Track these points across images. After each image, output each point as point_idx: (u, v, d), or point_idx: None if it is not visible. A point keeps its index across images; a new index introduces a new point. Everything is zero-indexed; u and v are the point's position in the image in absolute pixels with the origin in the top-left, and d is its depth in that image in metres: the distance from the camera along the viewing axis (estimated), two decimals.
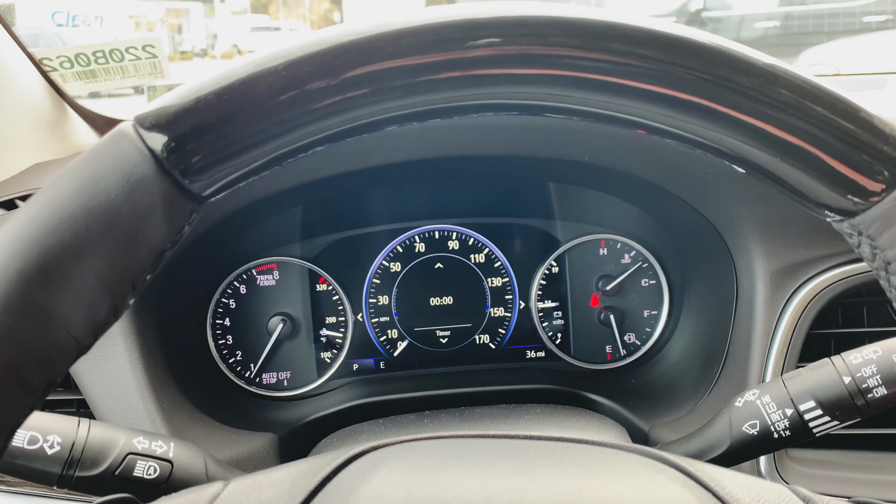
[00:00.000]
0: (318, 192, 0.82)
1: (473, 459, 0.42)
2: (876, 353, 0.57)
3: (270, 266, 0.94)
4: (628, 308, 0.97)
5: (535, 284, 0.97)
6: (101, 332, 0.38)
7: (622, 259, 0.97)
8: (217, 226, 0.77)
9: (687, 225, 0.84)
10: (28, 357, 0.35)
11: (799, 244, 0.76)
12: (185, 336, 0.88)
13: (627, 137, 0.73)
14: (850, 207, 0.37)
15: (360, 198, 0.92)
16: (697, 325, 0.91)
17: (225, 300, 0.93)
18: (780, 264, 0.76)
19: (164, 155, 0.35)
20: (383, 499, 0.38)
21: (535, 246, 0.97)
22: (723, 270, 0.82)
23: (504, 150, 0.74)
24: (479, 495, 0.39)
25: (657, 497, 0.39)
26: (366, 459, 0.42)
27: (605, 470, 0.41)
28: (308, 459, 0.44)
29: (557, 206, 0.95)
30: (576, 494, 0.39)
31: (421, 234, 0.96)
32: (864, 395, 0.56)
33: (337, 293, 0.95)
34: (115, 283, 0.36)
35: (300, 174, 0.75)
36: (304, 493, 0.40)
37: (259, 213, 0.84)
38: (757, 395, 0.59)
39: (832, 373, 0.57)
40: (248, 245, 0.92)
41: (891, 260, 0.37)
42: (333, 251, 0.95)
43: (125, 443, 0.56)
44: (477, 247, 0.96)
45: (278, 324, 0.92)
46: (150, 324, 0.76)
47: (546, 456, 0.43)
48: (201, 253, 0.82)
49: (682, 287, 0.94)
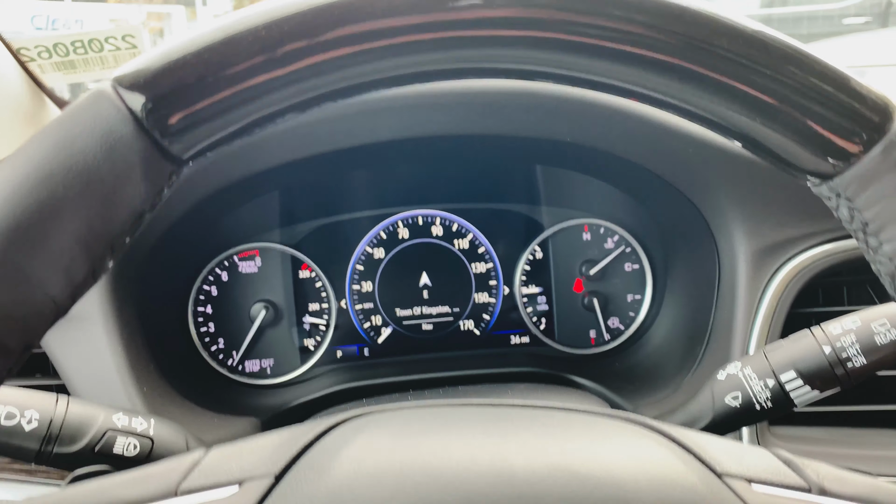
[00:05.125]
0: (297, 174, 0.82)
1: (456, 425, 0.42)
2: (855, 323, 0.57)
3: (252, 252, 0.93)
4: (612, 293, 0.97)
5: (519, 270, 0.97)
6: (79, 294, 0.38)
7: (605, 244, 0.97)
8: (196, 208, 0.76)
9: (669, 207, 0.85)
10: (5, 319, 0.34)
11: (780, 224, 0.76)
12: (166, 323, 0.87)
13: (612, 118, 0.73)
14: (828, 170, 0.37)
15: (341, 182, 0.91)
16: (680, 307, 0.91)
17: (206, 287, 0.92)
18: (762, 244, 0.76)
19: (143, 115, 0.34)
20: (365, 462, 0.38)
21: (519, 231, 0.97)
22: (705, 252, 0.83)
23: (488, 130, 0.74)
24: (461, 458, 0.38)
25: (639, 457, 0.39)
26: (348, 426, 0.42)
27: (587, 433, 0.41)
28: (290, 428, 0.43)
29: (541, 191, 0.96)
30: (558, 455, 0.39)
31: (404, 220, 0.96)
32: (844, 365, 0.56)
33: (320, 280, 0.95)
34: (94, 244, 0.36)
35: (279, 154, 0.74)
36: (286, 459, 0.39)
37: (238, 196, 0.83)
38: (739, 368, 0.60)
39: (812, 343, 0.58)
40: (229, 231, 0.91)
41: (868, 220, 0.37)
42: (316, 237, 0.95)
43: (104, 419, 0.55)
44: (461, 233, 0.96)
45: (261, 310, 0.92)
46: (131, 310, 0.76)
47: (529, 421, 0.43)
48: (181, 238, 0.81)
49: (665, 271, 0.95)
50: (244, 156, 0.72)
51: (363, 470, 0.38)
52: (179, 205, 0.75)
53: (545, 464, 0.38)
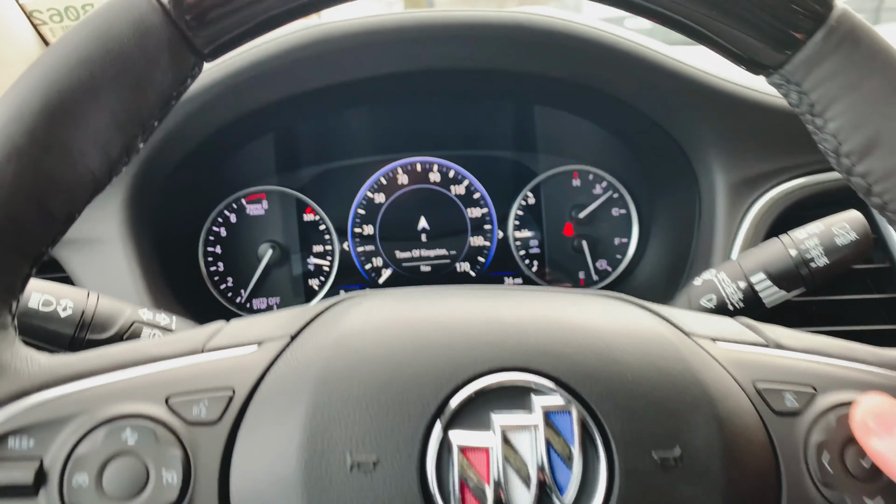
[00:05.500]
0: (297, 112, 0.86)
1: (453, 294, 0.47)
2: (818, 227, 0.63)
3: (259, 196, 0.98)
4: (600, 236, 1.03)
5: (513, 215, 1.02)
6: (115, 170, 0.43)
7: (594, 190, 1.03)
8: (204, 144, 0.80)
9: (654, 146, 0.90)
10: (51, 187, 0.39)
11: (757, 159, 0.82)
12: (179, 260, 0.92)
13: (600, 54, 0.78)
14: (778, 59, 0.42)
15: (342, 127, 0.96)
16: (664, 245, 0.96)
17: (216, 228, 0.97)
18: (740, 177, 0.82)
19: (171, 6, 0.39)
20: (371, 317, 0.43)
21: (512, 178, 1.02)
22: (687, 189, 0.88)
23: (482, 64, 0.79)
24: (456, 310, 0.44)
25: (616, 316, 0.44)
26: (358, 298, 0.47)
27: (571, 298, 0.47)
28: (305, 305, 0.48)
29: (532, 139, 1.01)
30: (543, 309, 0.44)
31: (403, 167, 1.00)
32: (808, 265, 0.62)
33: (324, 223, 1.00)
34: (127, 123, 0.41)
35: (278, 89, 0.78)
36: (301, 323, 0.44)
37: (241, 134, 0.87)
38: (713, 274, 0.65)
39: (780, 247, 0.63)
40: (237, 174, 0.96)
41: (814, 102, 0.43)
42: (319, 182, 0.99)
43: (132, 312, 0.60)
44: (457, 179, 1.01)
45: (267, 250, 0.97)
46: (148, 239, 0.80)
47: (518, 291, 0.48)
48: (191, 175, 0.86)
49: (650, 215, 1.00)
50: (244, 91, 0.76)
51: (370, 321, 0.43)
52: (188, 141, 0.80)
53: (531, 314, 0.43)
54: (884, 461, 0.38)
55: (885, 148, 0.41)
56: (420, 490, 0.37)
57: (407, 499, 0.36)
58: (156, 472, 0.37)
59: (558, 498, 0.37)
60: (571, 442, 0.38)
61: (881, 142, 0.41)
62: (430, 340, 0.41)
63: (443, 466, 0.37)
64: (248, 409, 0.40)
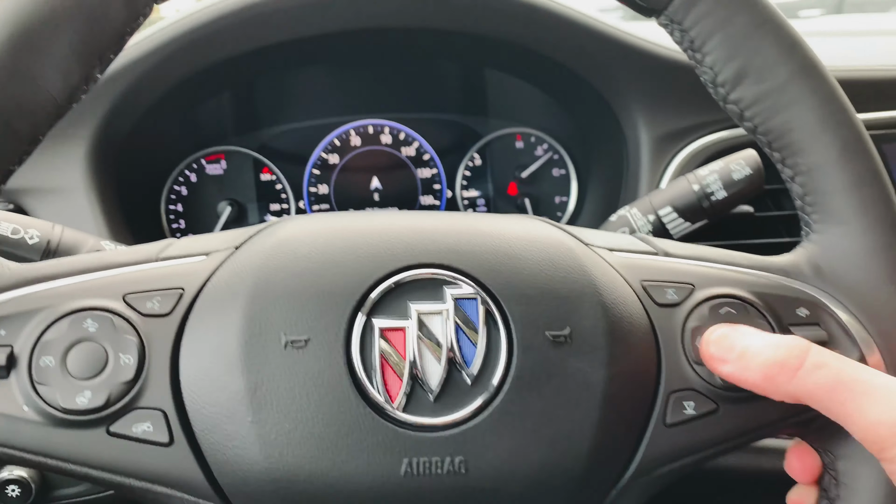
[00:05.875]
0: (252, 69, 0.91)
1: (381, 213, 0.53)
2: (719, 165, 0.70)
3: (218, 156, 1.03)
4: (542, 195, 1.09)
5: (460, 175, 1.09)
6: (74, 97, 0.48)
7: (536, 151, 1.09)
8: (164, 99, 0.85)
9: (587, 106, 0.96)
10: (17, 109, 0.44)
11: (678, 115, 0.89)
12: (143, 217, 0.97)
13: (535, 15, 0.84)
14: (662, 2, 0.49)
15: (297, 87, 1.01)
16: (598, 202, 1.04)
17: (177, 187, 1.02)
18: (662, 132, 0.89)
19: None
20: (307, 225, 0.49)
21: (460, 140, 1.09)
22: (616, 146, 0.95)
23: (425, 23, 0.85)
24: (382, 220, 0.50)
25: (524, 226, 0.50)
26: (297, 217, 0.52)
27: (488, 215, 0.53)
28: None
29: (478, 101, 1.07)
30: (460, 220, 0.50)
31: (356, 129, 1.06)
32: (709, 199, 0.69)
33: (280, 182, 1.05)
34: (85, 53, 0.46)
35: (231, 46, 0.83)
36: (245, 236, 0.50)
37: (196, 92, 0.92)
38: (627, 210, 0.72)
39: (685, 183, 0.70)
40: (196, 135, 1.01)
41: (693, 38, 0.49)
42: (276, 143, 1.05)
43: (94, 243, 0.65)
44: (407, 141, 1.07)
45: (226, 207, 1.02)
46: (112, 191, 0.85)
47: (442, 212, 0.54)
48: (151, 130, 0.91)
49: (586, 174, 1.07)
50: (202, 46, 0.81)
51: (304, 229, 0.48)
52: (149, 94, 0.84)
53: (448, 223, 0.49)
54: (735, 381, 0.44)
55: (753, 77, 0.48)
56: (346, 364, 0.43)
57: (334, 371, 0.42)
58: (114, 355, 0.43)
59: (465, 371, 0.44)
60: (477, 324, 0.44)
61: (750, 72, 0.48)
62: (357, 241, 0.46)
63: (366, 346, 0.43)
64: (196, 303, 0.45)
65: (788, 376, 0.42)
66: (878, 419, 0.39)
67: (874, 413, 0.39)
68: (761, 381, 0.43)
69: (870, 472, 0.46)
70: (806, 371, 0.41)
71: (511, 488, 0.43)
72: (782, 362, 0.42)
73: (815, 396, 0.41)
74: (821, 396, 0.41)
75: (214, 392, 0.43)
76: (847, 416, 0.40)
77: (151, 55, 0.79)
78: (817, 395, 0.41)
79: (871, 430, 0.39)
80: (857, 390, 0.40)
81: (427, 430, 0.43)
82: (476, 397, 0.43)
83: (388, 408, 0.43)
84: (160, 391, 0.43)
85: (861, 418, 0.40)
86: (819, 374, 0.41)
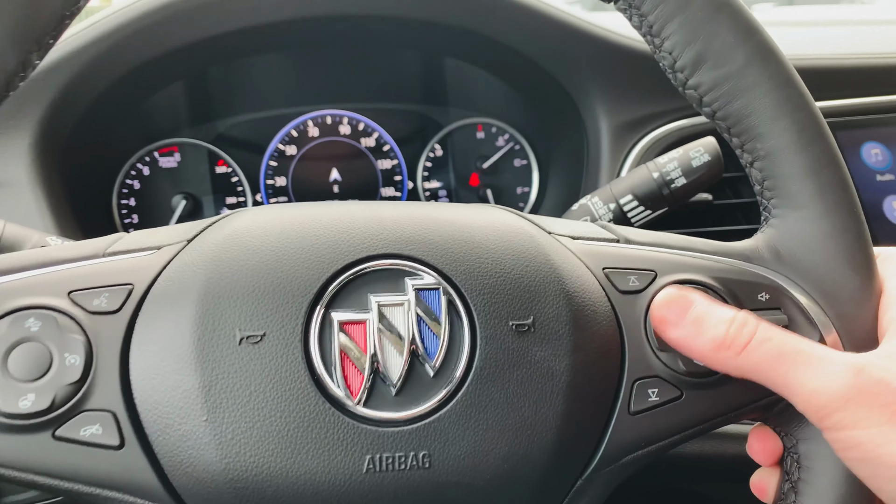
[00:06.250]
0: (202, 59, 0.89)
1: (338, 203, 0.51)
2: (679, 152, 0.70)
3: (171, 148, 1.00)
4: (504, 185, 1.09)
5: (421, 166, 1.08)
6: (11, 84, 0.45)
7: (497, 142, 1.09)
8: (113, 88, 0.82)
9: (548, 96, 0.96)
10: None
11: (638, 104, 0.89)
12: (92, 215, 0.93)
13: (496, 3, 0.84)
14: None
15: (252, 77, 0.99)
16: (559, 192, 1.03)
17: (129, 181, 0.99)
18: (622, 121, 0.89)
19: None
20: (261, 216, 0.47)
21: (420, 130, 1.07)
22: (576, 135, 0.95)
23: (377, 10, 0.84)
24: (340, 210, 0.48)
25: (487, 216, 0.50)
26: (252, 208, 0.51)
27: (449, 204, 0.52)
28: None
29: (438, 91, 1.06)
30: (420, 209, 0.49)
31: (314, 119, 1.04)
32: (669, 186, 0.69)
33: (236, 175, 1.02)
34: (21, 39, 0.43)
35: (181, 35, 0.81)
36: (197, 229, 0.48)
37: (146, 82, 0.89)
38: (588, 199, 0.72)
39: (645, 172, 0.70)
40: (148, 127, 0.98)
41: (652, 23, 0.49)
42: (231, 134, 1.02)
43: (38, 239, 0.62)
44: (367, 131, 1.06)
45: (181, 201, 0.99)
46: (59, 185, 0.82)
47: (402, 202, 0.53)
48: (99, 126, 0.88)
49: (547, 164, 1.07)
50: (150, 35, 0.78)
51: (259, 220, 0.47)
52: (96, 84, 0.81)
53: (407, 213, 0.48)
54: (682, 346, 0.45)
55: (712, 61, 0.48)
56: (304, 359, 0.41)
57: (292, 366, 0.41)
58: (59, 355, 0.41)
59: (428, 363, 0.43)
60: (439, 315, 0.43)
61: (708, 56, 0.48)
62: (314, 232, 0.45)
63: (325, 339, 0.42)
64: (146, 299, 0.43)
65: (735, 350, 0.43)
66: (818, 387, 0.40)
67: (814, 382, 0.40)
68: (710, 352, 0.44)
69: (831, 454, 0.46)
70: (752, 346, 0.42)
71: (476, 482, 0.42)
72: (733, 337, 0.43)
73: (759, 370, 0.42)
74: (764, 369, 0.42)
75: (167, 391, 0.41)
76: (788, 387, 0.42)
77: (98, 43, 0.76)
78: (761, 368, 0.42)
79: (812, 399, 0.40)
80: (798, 360, 0.41)
81: (389, 424, 0.42)
82: (439, 390, 0.42)
83: (348, 403, 0.41)
84: (109, 392, 0.41)
85: (801, 388, 0.41)
86: (763, 347, 0.42)
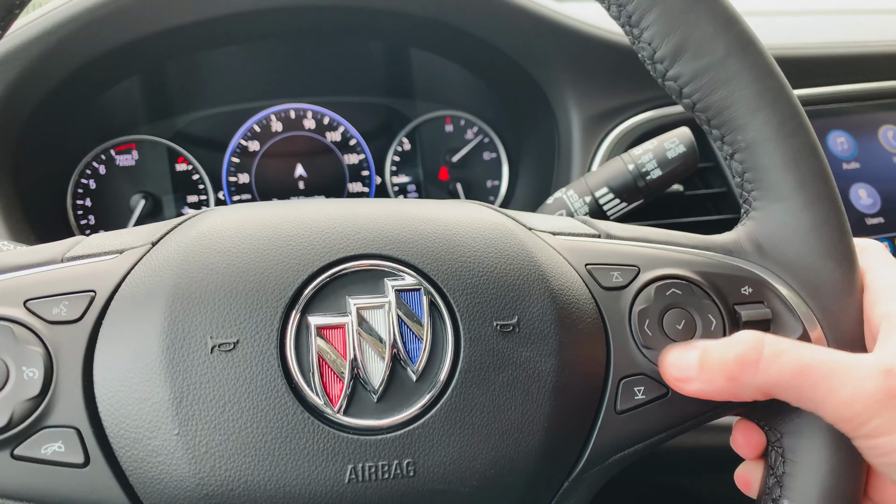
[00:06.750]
0: (158, 53, 0.85)
1: (311, 201, 0.49)
2: (653, 144, 0.69)
3: (129, 146, 0.96)
4: (473, 179, 1.07)
5: (389, 160, 1.05)
6: None
7: (466, 135, 1.07)
8: (60, 90, 0.78)
9: (517, 88, 0.95)
10: None
11: (608, 95, 0.89)
12: (45, 216, 0.89)
13: None
14: None
15: (211, 71, 0.96)
16: (530, 185, 1.02)
17: (84, 181, 0.95)
18: (593, 112, 0.88)
19: None
20: (230, 217, 0.45)
21: (387, 124, 1.05)
22: (547, 127, 0.94)
23: (351, 0, 0.81)
24: (313, 209, 0.46)
25: (465, 212, 0.48)
26: (219, 208, 0.48)
27: (427, 201, 0.50)
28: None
29: (405, 83, 1.04)
30: (397, 207, 0.47)
31: (277, 114, 1.01)
32: (644, 178, 0.68)
33: (197, 172, 0.99)
34: None
35: (138, 28, 0.78)
36: (161, 232, 0.46)
37: (100, 78, 0.85)
38: (563, 192, 0.71)
39: (620, 164, 0.69)
40: (104, 123, 0.94)
41: (630, 13, 0.48)
42: (191, 130, 0.99)
43: None
44: (332, 126, 1.03)
45: (139, 201, 0.95)
46: (9, 191, 0.78)
47: (378, 199, 0.51)
48: (51, 123, 0.84)
49: (518, 157, 1.06)
50: (103, 29, 0.75)
51: (228, 221, 0.45)
52: (45, 80, 0.77)
53: (384, 210, 0.47)
54: (705, 395, 0.43)
55: (691, 53, 0.47)
56: (280, 366, 0.39)
57: (268, 374, 0.39)
58: (16, 368, 0.38)
59: (410, 367, 0.41)
60: (421, 317, 0.42)
61: (688, 47, 0.47)
62: (287, 232, 0.43)
63: (301, 345, 0.40)
64: (109, 306, 0.41)
65: (752, 371, 0.40)
66: (850, 396, 0.38)
67: (844, 392, 0.39)
68: (727, 384, 0.41)
69: (815, 448, 0.46)
70: (766, 362, 0.40)
71: (463, 488, 0.41)
72: (741, 359, 0.41)
73: (782, 385, 0.40)
74: (789, 384, 0.40)
75: (134, 404, 0.39)
76: (818, 400, 0.39)
77: (49, 35, 0.72)
78: (784, 383, 0.40)
79: (844, 410, 0.39)
80: (824, 371, 0.39)
81: (371, 432, 0.40)
82: (422, 395, 0.41)
83: (328, 411, 0.40)
84: (72, 407, 0.38)
85: (833, 398, 0.39)
86: (780, 361, 0.40)
